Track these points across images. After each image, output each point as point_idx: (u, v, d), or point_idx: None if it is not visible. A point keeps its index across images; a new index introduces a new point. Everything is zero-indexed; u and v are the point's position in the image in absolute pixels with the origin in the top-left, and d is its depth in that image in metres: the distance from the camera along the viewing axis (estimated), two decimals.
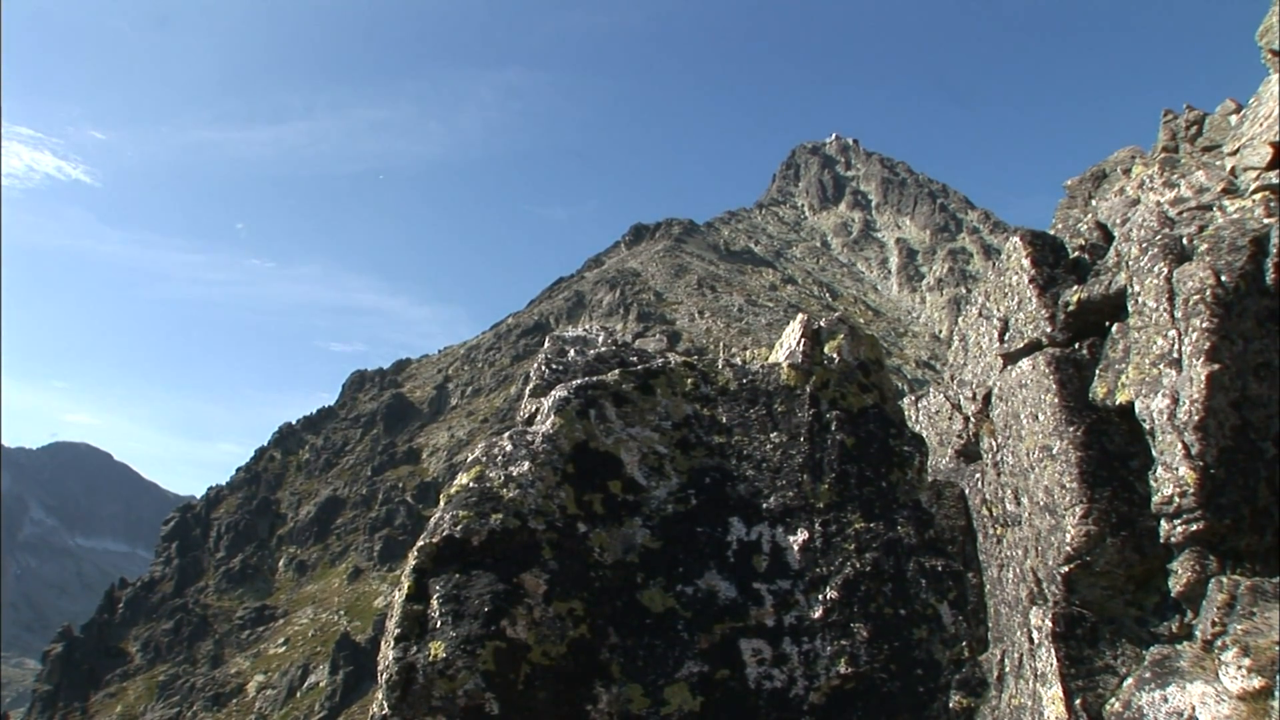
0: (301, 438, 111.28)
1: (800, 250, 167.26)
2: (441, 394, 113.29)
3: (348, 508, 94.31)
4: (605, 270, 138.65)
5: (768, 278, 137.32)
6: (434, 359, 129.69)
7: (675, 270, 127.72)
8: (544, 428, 4.83)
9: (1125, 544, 5.28)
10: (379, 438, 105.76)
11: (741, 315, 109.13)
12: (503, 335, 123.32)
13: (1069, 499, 5.57)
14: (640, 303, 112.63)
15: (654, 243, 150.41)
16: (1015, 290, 7.28)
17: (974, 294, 8.36)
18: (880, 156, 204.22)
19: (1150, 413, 5.25)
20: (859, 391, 5.43)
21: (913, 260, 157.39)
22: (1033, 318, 6.92)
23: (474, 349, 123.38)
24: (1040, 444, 6.07)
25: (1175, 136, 8.98)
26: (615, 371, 5.27)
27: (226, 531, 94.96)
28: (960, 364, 8.41)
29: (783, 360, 5.52)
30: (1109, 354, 5.95)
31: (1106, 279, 6.24)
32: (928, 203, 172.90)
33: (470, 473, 4.52)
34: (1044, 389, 6.19)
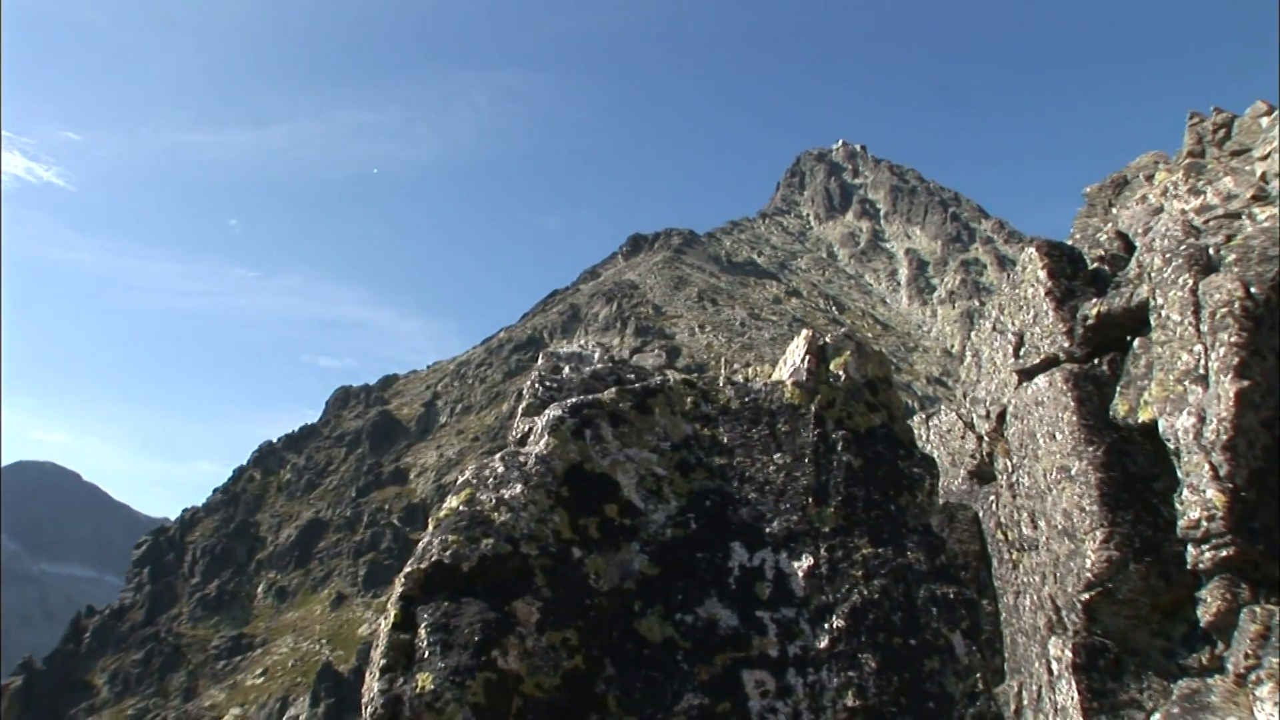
0: (283, 457, 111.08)
1: (805, 261, 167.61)
2: (430, 411, 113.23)
3: (331, 531, 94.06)
4: (602, 282, 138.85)
5: (771, 290, 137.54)
6: (422, 375, 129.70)
7: (675, 282, 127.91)
8: (537, 448, 4.83)
9: (1150, 570, 5.24)
10: (364, 457, 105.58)
11: (744, 330, 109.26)
12: (494, 350, 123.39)
13: (1089, 522, 5.54)
14: (638, 316, 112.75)
15: (653, 254, 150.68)
16: (1031, 303, 7.28)
17: (987, 307, 8.37)
18: (889, 163, 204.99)
19: (1175, 432, 5.21)
20: (866, 411, 5.44)
21: (923, 272, 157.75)
22: (1049, 332, 6.90)
23: (464, 364, 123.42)
24: (1058, 464, 6.04)
25: (1202, 140, 8.99)
26: (612, 390, 5.28)
27: (202, 556, 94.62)
28: (973, 380, 8.41)
29: (786, 378, 5.53)
30: (1130, 370, 5.93)
31: (1128, 291, 6.23)
32: (939, 211, 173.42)
33: (460, 495, 4.52)
34: (1062, 407, 6.17)
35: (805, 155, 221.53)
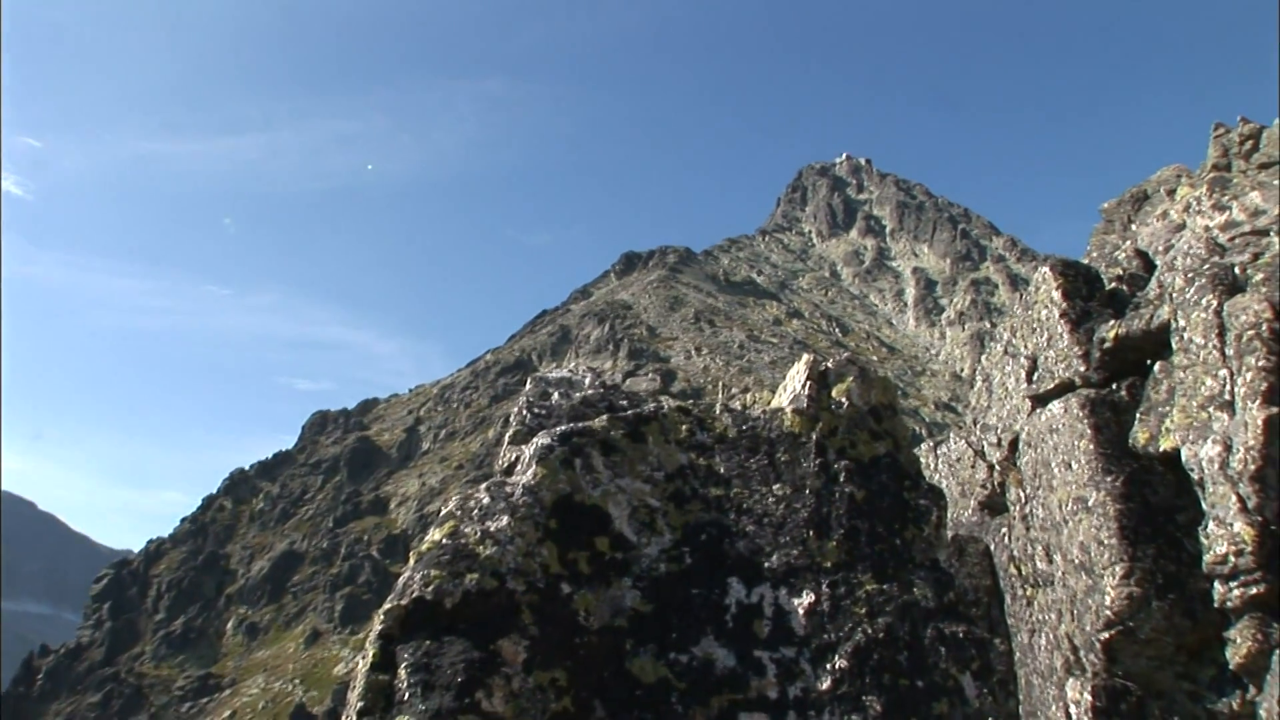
0: (255, 485, 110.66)
1: (807, 281, 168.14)
2: (412, 437, 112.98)
3: (306, 563, 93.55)
4: (593, 302, 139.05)
5: (771, 311, 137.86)
6: (404, 399, 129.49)
7: (670, 303, 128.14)
8: (524, 478, 4.84)
9: (1174, 608, 5.20)
10: (342, 485, 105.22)
11: (742, 352, 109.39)
12: (480, 373, 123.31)
13: (1108, 557, 5.52)
14: (631, 338, 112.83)
15: (647, 272, 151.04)
16: (1045, 325, 7.29)
17: (999, 329, 8.40)
18: (895, 178, 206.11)
19: (1199, 461, 5.19)
20: (870, 440, 5.46)
21: (931, 292, 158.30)
22: (1064, 356, 6.91)
23: (448, 388, 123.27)
24: (1074, 495, 6.03)
25: (1227, 153, 8.99)
26: (603, 417, 5.30)
27: (167, 590, 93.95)
28: (984, 406, 8.43)
29: (786, 405, 5.56)
30: (1151, 396, 5.91)
31: (1147, 313, 6.22)
32: (948, 229, 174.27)
33: (443, 528, 4.53)
34: (1077, 434, 6.17)
35: (807, 169, 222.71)
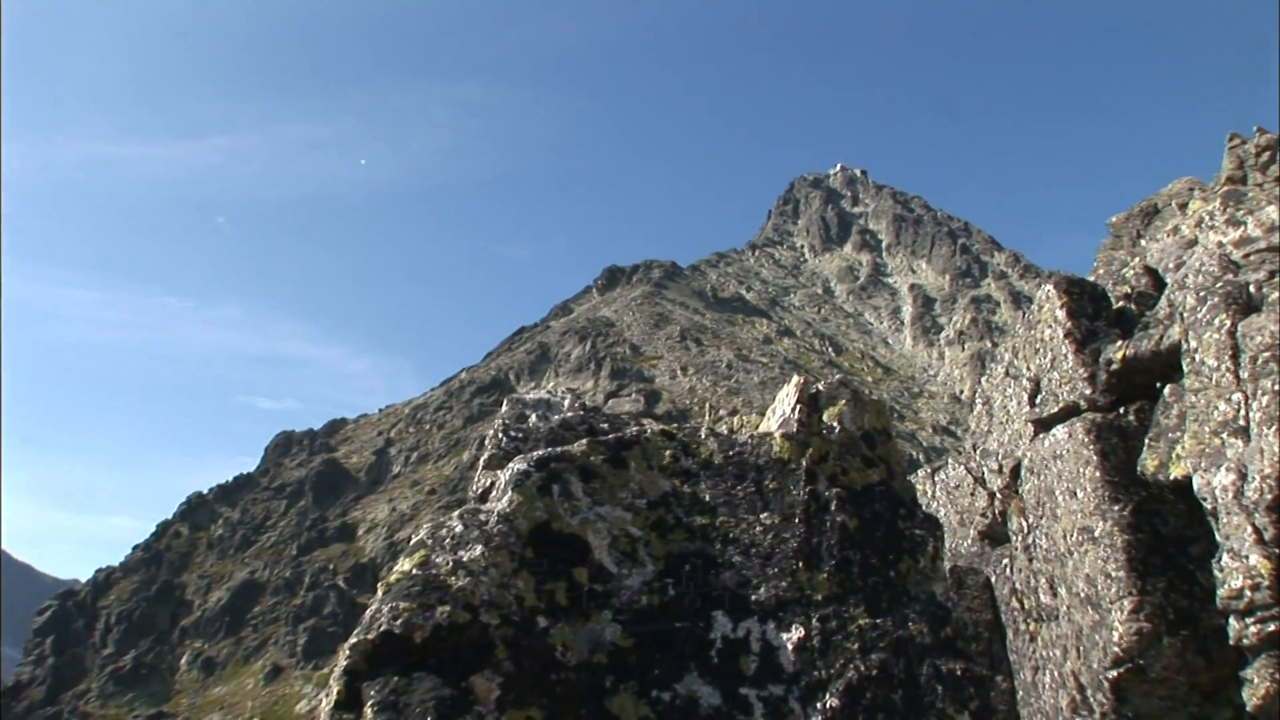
0: (214, 510, 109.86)
1: (799, 298, 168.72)
2: (382, 460, 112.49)
3: (267, 594, 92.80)
4: (574, 319, 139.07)
5: (761, 329, 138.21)
6: (374, 419, 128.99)
7: (655, 320, 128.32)
8: (499, 505, 4.85)
9: (1186, 645, 5.20)
10: (307, 510, 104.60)
11: (730, 373, 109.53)
12: (455, 393, 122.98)
13: (1116, 590, 5.53)
14: (614, 357, 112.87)
15: (631, 288, 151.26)
16: (1049, 346, 7.33)
17: (1000, 349, 8.44)
18: (892, 190, 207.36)
19: (1212, 490, 5.17)
20: (863, 466, 5.50)
21: (929, 310, 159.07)
22: (1069, 378, 6.94)
23: (421, 408, 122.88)
24: (1079, 525, 6.05)
25: (1243, 165, 8.97)
26: (583, 441, 5.32)
27: (117, 623, 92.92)
28: (984, 431, 8.46)
29: (775, 429, 5.59)
30: (1160, 420, 5.91)
31: (1157, 333, 6.24)
32: (947, 243, 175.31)
33: (413, 557, 4.53)
34: (1083, 461, 6.18)
35: (799, 181, 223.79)
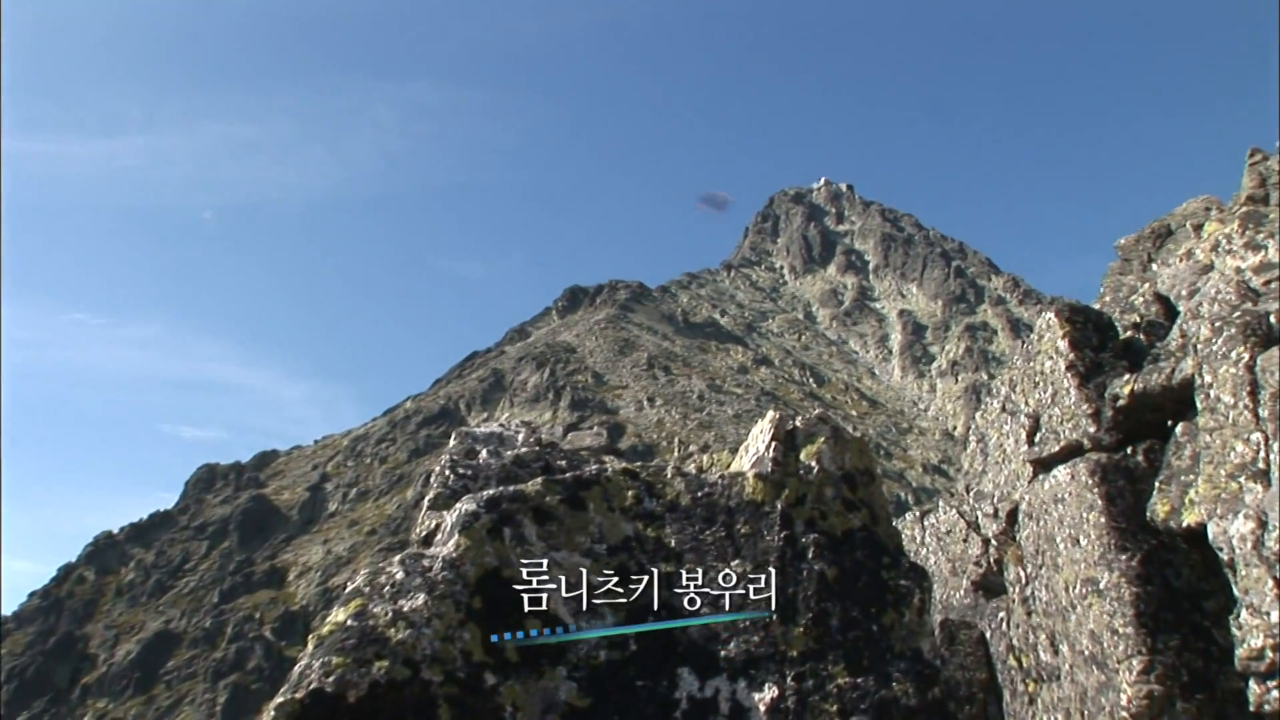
0: (125, 552, 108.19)
1: (778, 323, 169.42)
2: (316, 497, 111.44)
3: (184, 646, 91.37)
4: (532, 344, 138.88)
5: (736, 357, 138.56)
6: (308, 451, 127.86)
7: (620, 346, 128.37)
8: (445, 550, 4.84)
9: (1202, 711, 5.19)
10: (231, 552, 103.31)
11: (702, 404, 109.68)
12: (399, 423, 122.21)
13: (1124, 648, 5.54)
14: (575, 386, 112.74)
15: (594, 310, 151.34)
16: (1049, 379, 7.37)
17: (996, 382, 8.49)
18: (880, 207, 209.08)
19: (1229, 539, 5.16)
20: (843, 510, 5.53)
21: (920, 338, 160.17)
22: (1071, 414, 6.97)
23: (361, 440, 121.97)
24: (1083, 576, 6.06)
25: (1264, 183, 8.92)
26: (538, 480, 5.32)
27: (8, 680, 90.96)
28: (978, 471, 8.50)
29: (748, 468, 5.62)
30: (1172, 462, 5.93)
31: (1168, 366, 6.27)
32: (940, 266, 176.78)
33: (349, 606, 4.51)
34: (1087, 505, 6.20)
35: (780, 196, 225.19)
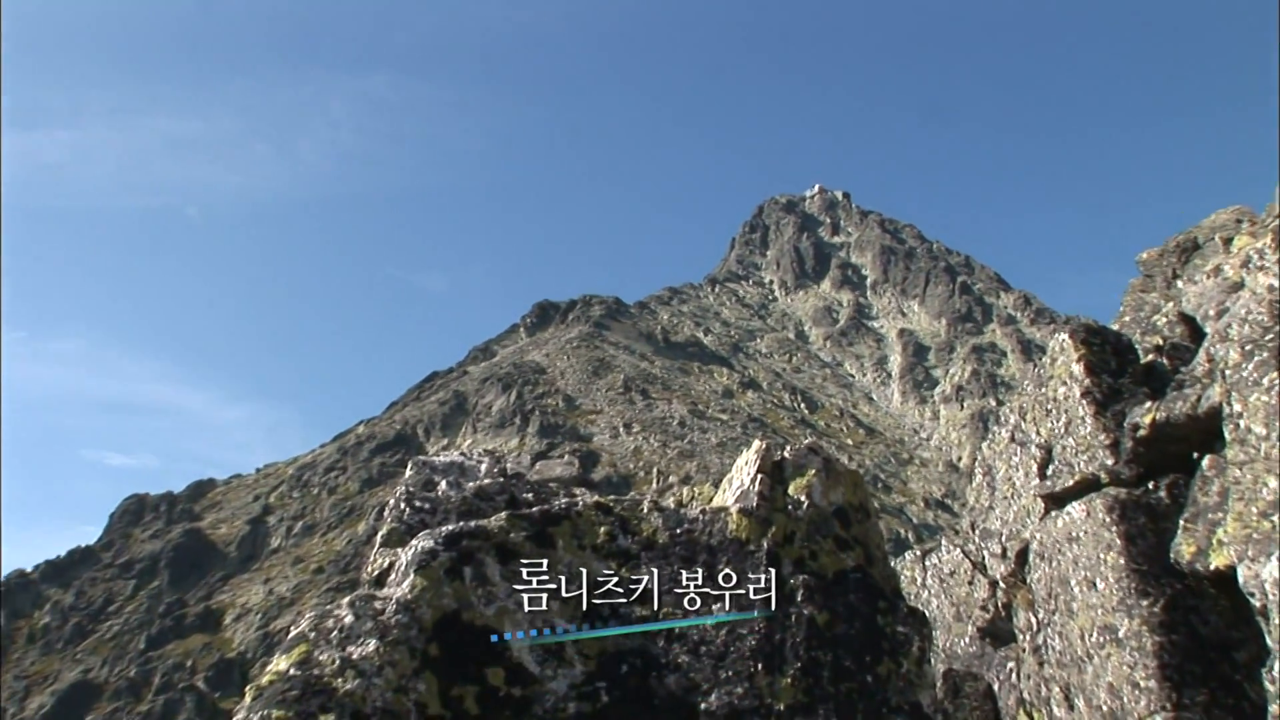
0: (40, 592, 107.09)
1: (767, 343, 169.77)
2: (257, 531, 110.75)
3: (105, 698, 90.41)
4: (497, 364, 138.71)
5: (721, 380, 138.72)
6: (249, 481, 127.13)
7: (594, 367, 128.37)
8: (399, 591, 4.84)
9: None
10: (161, 593, 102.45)
11: (683, 431, 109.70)
12: (349, 450, 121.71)
13: (1146, 703, 5.53)
14: (544, 411, 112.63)
15: (566, 328, 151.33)
16: (1063, 406, 7.38)
17: (1005, 410, 8.52)
18: (879, 216, 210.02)
19: (1261, 584, 5.17)
20: (835, 549, 5.55)
21: (922, 360, 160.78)
22: (1087, 445, 6.97)
23: (307, 469, 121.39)
24: (1101, 623, 6.06)
25: None
26: (502, 515, 5.32)
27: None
28: (985, 507, 8.51)
29: (732, 503, 5.64)
30: (1198, 499, 5.94)
31: (1194, 393, 6.28)
32: (944, 281, 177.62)
33: (292, 654, 4.49)
34: (1104, 545, 6.21)
35: (770, 204, 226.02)
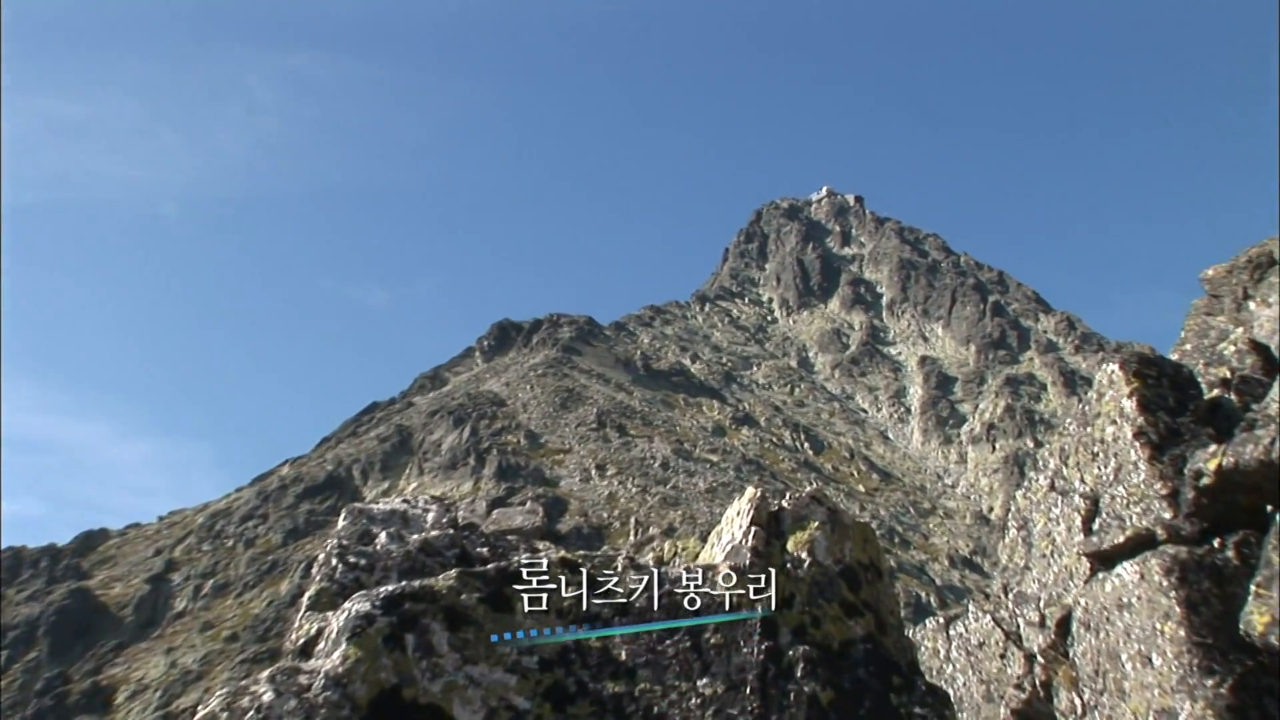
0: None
1: (765, 372, 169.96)
2: (159, 592, 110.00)
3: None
4: (448, 394, 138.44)
5: (711, 415, 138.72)
6: (149, 531, 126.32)
7: (562, 398, 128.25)
8: (329, 663, 4.84)
9: None
10: (40, 665, 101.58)
11: (666, 475, 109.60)
12: (272, 495, 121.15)
13: None
14: (503, 449, 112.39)
15: (529, 352, 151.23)
16: (1112, 449, 7.38)
17: (1044, 453, 8.52)
18: (898, 224, 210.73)
19: None
20: (842, 615, 5.58)
21: (947, 393, 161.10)
22: (1141, 495, 6.97)
23: (221, 516, 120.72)
24: (1157, 706, 6.07)
25: None
26: (452, 573, 5.34)
27: None
28: (1020, 567, 8.52)
29: (721, 560, 5.66)
30: (1273, 559, 5.96)
31: (1266, 435, 6.30)
32: (973, 300, 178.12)
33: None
34: (1161, 613, 6.22)
35: (769, 209, 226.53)
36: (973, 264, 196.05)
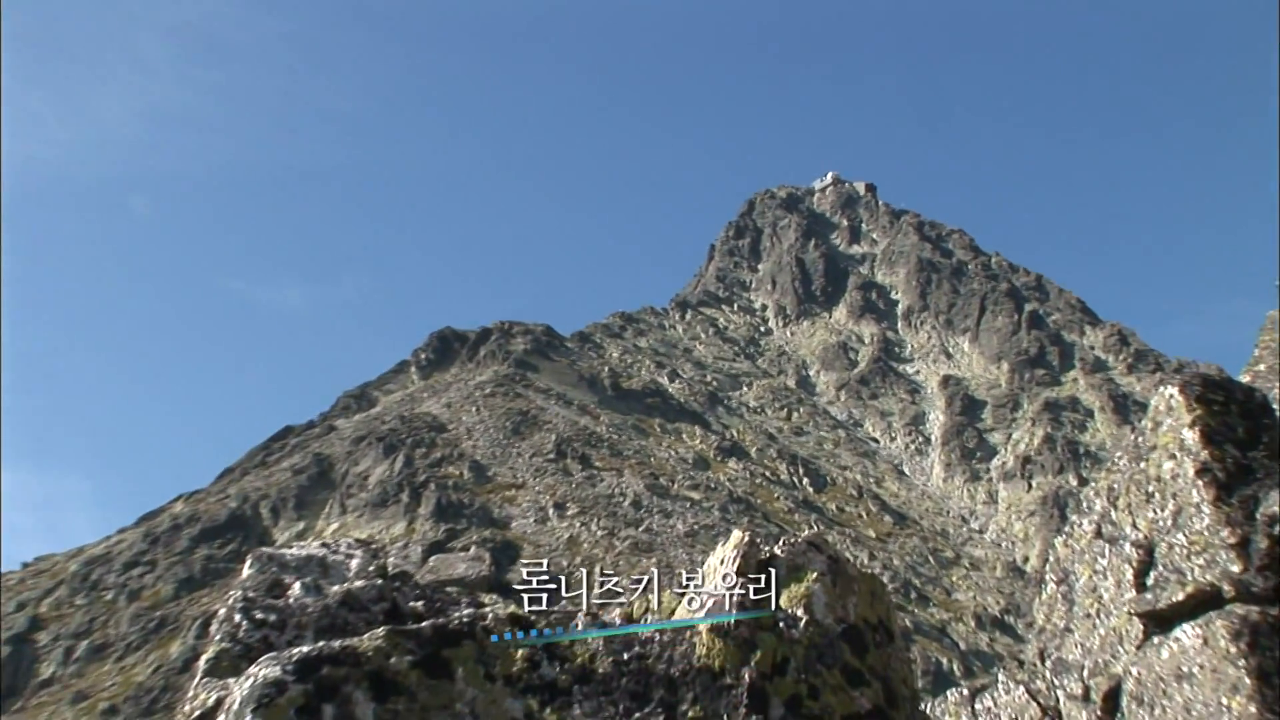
0: None
1: (757, 392, 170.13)
2: (21, 655, 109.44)
3: None
4: (378, 417, 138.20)
5: (692, 443, 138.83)
6: (10, 581, 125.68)
7: (514, 422, 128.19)
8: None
9: None
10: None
11: (638, 515, 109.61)
12: (162, 538, 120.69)
13: None
14: (443, 483, 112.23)
15: (476, 368, 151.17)
16: (1170, 488, 7.43)
17: (1089, 492, 8.58)
18: (916, 218, 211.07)
19: None
20: (844, 684, 5.61)
21: (974, 419, 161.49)
22: (1204, 544, 7.01)
23: (98, 563, 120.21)
24: None
25: None
26: (379, 631, 5.35)
27: None
28: (1060, 628, 8.57)
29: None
30: None
31: None
32: (1006, 309, 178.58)
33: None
34: (1228, 685, 6.27)
35: (764, 198, 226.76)
36: (1006, 266, 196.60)
